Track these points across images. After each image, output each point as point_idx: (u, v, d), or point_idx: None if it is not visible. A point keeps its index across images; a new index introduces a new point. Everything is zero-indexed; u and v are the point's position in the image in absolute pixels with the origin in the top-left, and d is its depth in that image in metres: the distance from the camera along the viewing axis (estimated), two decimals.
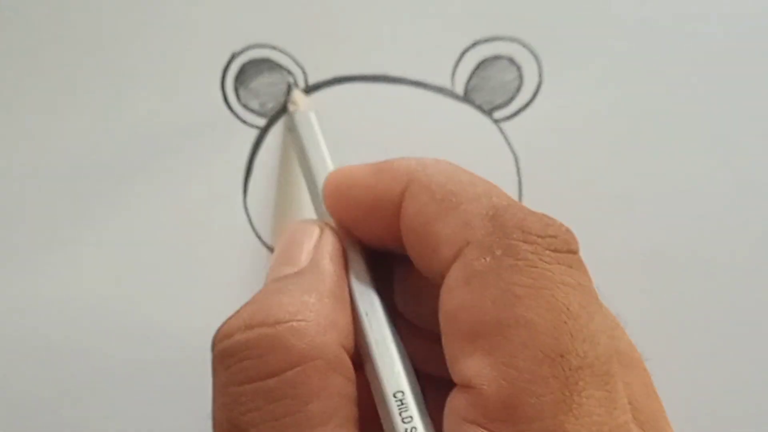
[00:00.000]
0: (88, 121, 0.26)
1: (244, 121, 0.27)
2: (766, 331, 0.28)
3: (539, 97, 0.28)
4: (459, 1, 0.28)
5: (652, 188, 0.28)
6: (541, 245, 0.17)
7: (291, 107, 0.26)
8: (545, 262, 0.17)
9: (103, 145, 0.26)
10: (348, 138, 0.27)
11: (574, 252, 0.18)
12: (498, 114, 0.28)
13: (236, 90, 0.27)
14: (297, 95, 0.27)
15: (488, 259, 0.17)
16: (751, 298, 0.28)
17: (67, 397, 0.26)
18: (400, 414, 0.18)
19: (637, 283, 0.27)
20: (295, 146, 0.26)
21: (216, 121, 0.27)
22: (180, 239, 0.26)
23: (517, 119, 0.28)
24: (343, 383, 0.18)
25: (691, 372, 0.27)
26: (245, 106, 0.27)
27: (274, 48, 0.27)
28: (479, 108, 0.28)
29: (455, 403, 0.17)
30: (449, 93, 0.27)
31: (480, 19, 0.28)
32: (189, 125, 0.27)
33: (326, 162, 0.24)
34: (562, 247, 0.18)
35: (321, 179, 0.23)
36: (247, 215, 0.27)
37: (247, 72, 0.27)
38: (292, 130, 0.26)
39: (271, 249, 0.27)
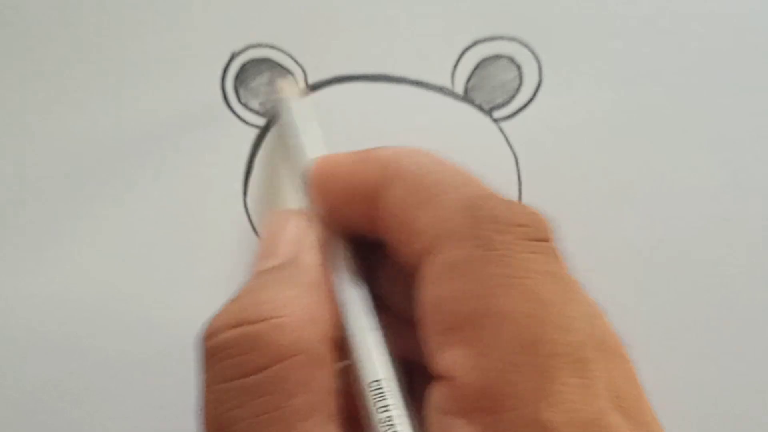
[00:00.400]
0: (87, 120, 0.26)
1: (244, 121, 0.27)
2: (765, 331, 0.28)
3: (539, 97, 0.28)
4: (459, 1, 0.28)
5: (651, 188, 0.28)
6: (515, 235, 0.17)
7: (278, 94, 0.26)
8: (519, 251, 0.17)
9: (103, 144, 0.26)
10: (348, 138, 0.27)
11: (548, 240, 0.18)
12: (498, 113, 0.28)
13: (236, 90, 0.27)
14: (283, 83, 0.26)
15: (463, 250, 0.17)
16: (751, 297, 0.28)
17: (67, 395, 0.26)
18: (375, 403, 0.18)
19: (636, 282, 0.27)
20: (283, 134, 0.26)
21: (216, 120, 0.27)
22: (180, 238, 0.26)
23: (517, 119, 0.28)
24: (326, 377, 0.18)
25: (691, 371, 0.27)
26: (245, 106, 0.27)
27: (274, 48, 0.27)
28: (479, 107, 0.28)
29: (434, 394, 0.17)
30: (449, 92, 0.27)
31: (480, 18, 0.28)
32: (189, 125, 0.27)
33: (307, 150, 0.24)
34: (536, 235, 0.18)
35: (303, 166, 0.23)
36: (248, 215, 0.27)
37: (247, 72, 0.27)
38: (279, 117, 0.26)
39: None
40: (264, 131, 0.27)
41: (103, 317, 0.26)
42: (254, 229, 0.27)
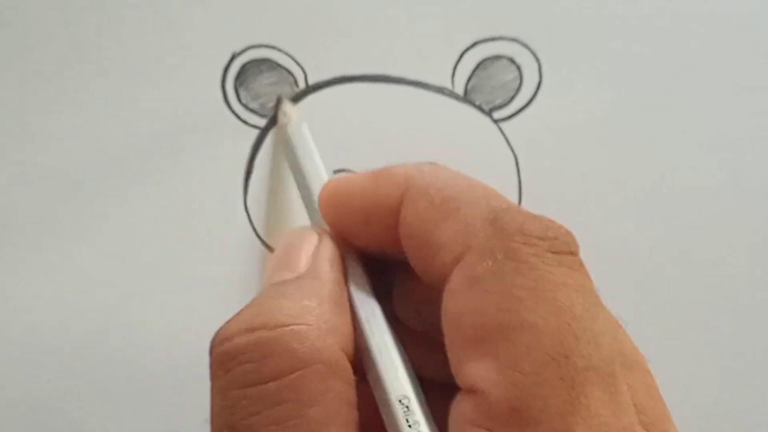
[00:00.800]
0: (88, 121, 0.26)
1: (245, 121, 0.27)
2: (765, 331, 0.28)
3: (539, 97, 0.28)
4: (459, 1, 0.28)
5: (651, 188, 0.28)
6: (542, 247, 0.17)
7: (282, 119, 0.26)
8: (547, 264, 0.17)
9: (103, 145, 0.26)
10: (348, 138, 0.27)
11: (575, 254, 0.18)
12: (498, 114, 0.28)
13: (236, 90, 0.27)
14: (288, 107, 0.26)
15: (490, 262, 0.17)
16: (751, 297, 0.28)
17: (67, 395, 0.26)
18: (406, 419, 0.18)
19: (637, 283, 0.27)
20: (288, 157, 0.26)
21: (216, 121, 0.27)
22: (180, 239, 0.26)
23: (517, 119, 0.28)
24: (344, 388, 0.18)
25: (691, 370, 0.27)
26: (245, 106, 0.27)
27: (274, 48, 0.27)
28: (479, 108, 0.28)
29: (461, 407, 0.17)
30: (449, 93, 0.27)
31: (480, 18, 0.28)
32: (189, 125, 0.27)
33: (321, 173, 0.24)
34: (563, 248, 0.18)
35: (316, 189, 0.23)
36: (248, 215, 0.27)
37: (247, 72, 0.27)
38: (285, 141, 0.26)
39: (271, 249, 0.27)
40: (264, 132, 0.27)
41: (102, 318, 0.26)
42: (255, 229, 0.27)
